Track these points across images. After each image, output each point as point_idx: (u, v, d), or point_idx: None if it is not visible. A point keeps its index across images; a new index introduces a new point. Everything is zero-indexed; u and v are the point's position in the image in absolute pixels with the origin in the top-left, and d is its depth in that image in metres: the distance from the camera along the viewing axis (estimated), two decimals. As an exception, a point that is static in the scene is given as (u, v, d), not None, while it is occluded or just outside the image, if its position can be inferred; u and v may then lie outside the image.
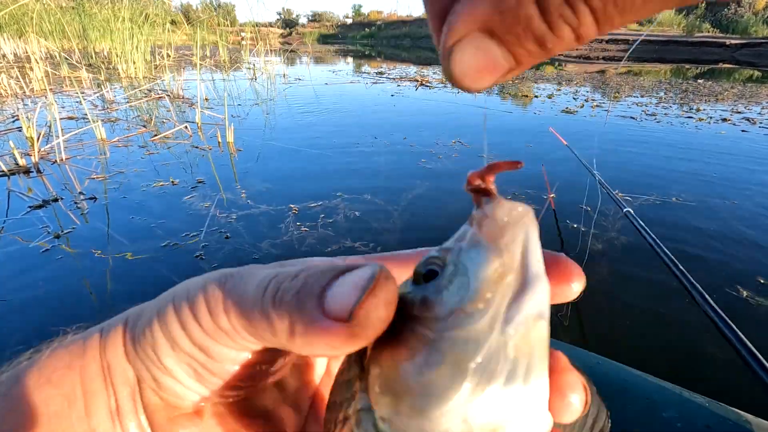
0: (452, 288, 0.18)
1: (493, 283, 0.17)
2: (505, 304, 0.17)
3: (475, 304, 0.17)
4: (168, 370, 0.22)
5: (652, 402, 0.79)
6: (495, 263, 0.17)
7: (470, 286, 0.17)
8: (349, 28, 50.59)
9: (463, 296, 0.17)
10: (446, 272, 0.18)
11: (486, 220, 0.19)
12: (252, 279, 0.21)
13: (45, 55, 8.90)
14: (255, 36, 9.92)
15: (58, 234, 2.11)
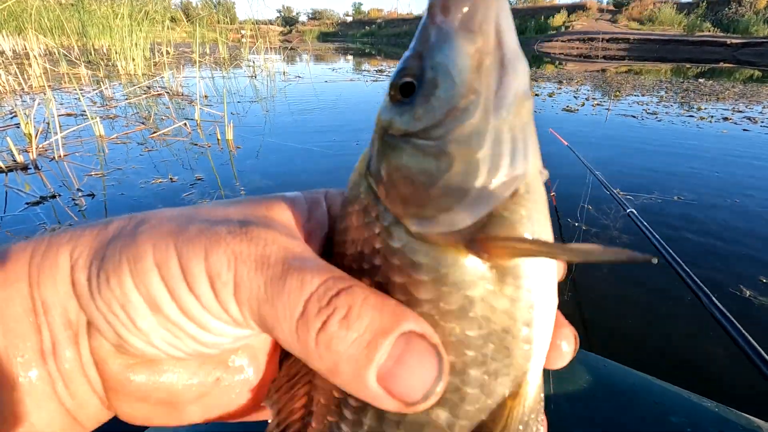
0: (439, 91, 0.18)
1: (475, 71, 0.17)
2: (492, 89, 0.17)
3: (466, 97, 0.17)
4: (140, 331, 0.20)
5: (660, 406, 0.78)
6: (471, 50, 0.17)
7: (455, 83, 0.17)
8: (349, 26, 50.53)
9: (452, 95, 0.17)
10: (425, 78, 0.18)
11: (449, 4, 0.18)
12: (267, 269, 0.19)
13: (44, 52, 8.87)
14: (255, 33, 9.89)
15: (55, 230, 2.09)
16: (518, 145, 0.18)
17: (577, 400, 0.79)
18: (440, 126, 0.18)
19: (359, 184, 0.21)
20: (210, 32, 11.98)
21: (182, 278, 0.20)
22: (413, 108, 0.18)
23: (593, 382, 0.82)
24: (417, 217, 0.19)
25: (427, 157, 0.18)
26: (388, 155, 0.19)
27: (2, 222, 2.17)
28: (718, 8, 24.19)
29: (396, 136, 0.19)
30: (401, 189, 0.19)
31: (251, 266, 0.19)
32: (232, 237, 0.20)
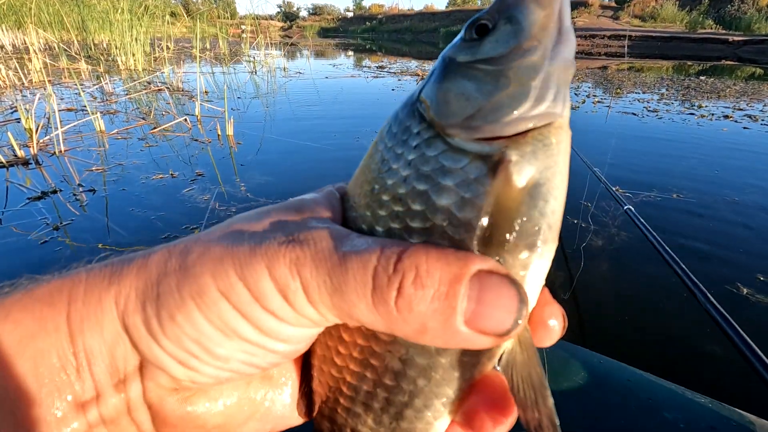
0: (510, 32, 0.22)
1: (541, 28, 0.21)
2: (551, 45, 0.21)
3: (531, 42, 0.21)
4: (219, 359, 0.21)
5: (655, 402, 0.79)
6: (541, 14, 0.22)
7: (524, 29, 0.21)
8: (349, 21, 50.27)
9: (520, 37, 0.21)
10: (500, 24, 0.22)
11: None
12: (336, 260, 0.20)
13: (44, 47, 8.85)
14: (255, 29, 9.86)
15: (57, 226, 2.10)
16: (560, 93, 0.22)
17: (573, 395, 0.80)
18: (505, 57, 0.21)
19: (400, 112, 0.25)
20: (210, 27, 11.93)
21: (254, 300, 0.20)
22: (483, 43, 0.22)
23: (589, 378, 0.83)
24: (463, 127, 0.22)
25: (487, 78, 0.22)
26: (450, 78, 0.23)
27: (4, 217, 2.18)
28: (721, 5, 24.06)
29: (461, 64, 0.23)
30: (454, 104, 0.22)
31: (312, 266, 0.20)
32: (285, 247, 0.20)
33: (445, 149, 0.22)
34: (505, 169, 0.20)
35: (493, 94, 0.21)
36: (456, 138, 0.22)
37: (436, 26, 36.61)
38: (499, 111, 0.21)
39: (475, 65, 0.22)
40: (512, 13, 0.22)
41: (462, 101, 0.22)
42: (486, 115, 0.21)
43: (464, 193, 0.21)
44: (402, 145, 0.23)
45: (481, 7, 4.15)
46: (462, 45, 0.23)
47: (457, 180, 0.21)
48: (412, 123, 0.23)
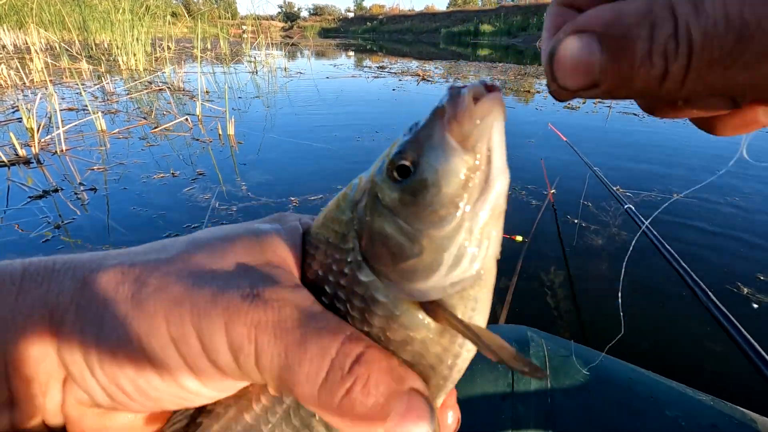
0: (427, 193, 0.20)
1: (462, 187, 0.20)
2: (472, 203, 0.20)
3: (448, 210, 0.20)
4: (149, 399, 0.21)
5: (656, 400, 0.79)
6: (465, 168, 0.20)
7: (442, 192, 0.20)
8: (350, 21, 50.32)
9: (436, 202, 0.20)
10: (419, 172, 0.21)
11: (455, 123, 0.20)
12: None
13: (45, 47, 8.86)
14: (256, 29, 9.86)
15: (58, 224, 2.11)
16: (481, 249, 0.21)
17: (574, 394, 0.80)
18: (420, 220, 0.21)
19: (344, 211, 0.24)
20: (211, 27, 11.95)
21: (203, 354, 0.20)
22: (403, 192, 0.21)
23: (590, 376, 0.83)
24: (383, 274, 0.22)
25: (403, 237, 0.21)
26: (374, 216, 0.22)
27: (5, 216, 2.19)
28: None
29: (384, 205, 0.22)
30: (378, 248, 0.22)
31: (270, 335, 0.20)
32: (248, 305, 0.20)
33: (373, 280, 0.22)
34: (439, 315, 0.22)
35: (407, 257, 0.21)
36: (380, 279, 0.22)
37: (436, 27, 36.63)
38: (414, 274, 0.21)
39: (394, 215, 0.21)
40: (433, 163, 0.20)
41: (384, 249, 0.22)
42: (402, 274, 0.21)
43: (391, 323, 0.22)
44: (341, 248, 0.23)
45: (482, 8, 4.16)
46: (386, 180, 0.22)
47: (385, 312, 0.22)
48: (350, 233, 0.23)
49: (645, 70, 0.16)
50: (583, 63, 0.17)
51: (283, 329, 0.20)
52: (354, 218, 0.23)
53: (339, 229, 0.24)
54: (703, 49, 0.15)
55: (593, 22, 0.17)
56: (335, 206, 0.25)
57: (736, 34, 0.15)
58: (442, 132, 0.20)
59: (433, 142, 0.20)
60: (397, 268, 0.21)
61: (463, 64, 11.71)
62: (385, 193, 0.22)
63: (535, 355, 0.85)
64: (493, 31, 30.26)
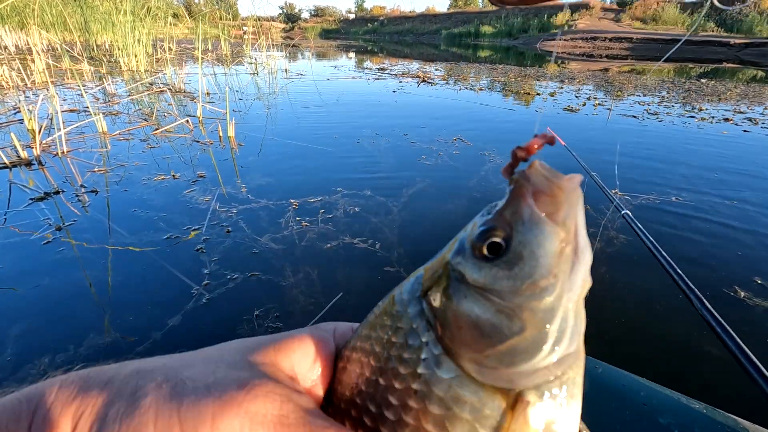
0: (525, 265, 0.20)
1: (557, 257, 0.20)
2: (567, 275, 0.20)
3: (548, 280, 0.20)
4: None
5: (650, 407, 0.79)
6: (558, 240, 0.20)
7: (540, 263, 0.20)
8: (351, 23, 50.35)
9: (536, 272, 0.20)
10: (513, 247, 0.20)
11: (543, 195, 0.21)
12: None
13: (46, 48, 8.88)
14: (257, 30, 9.88)
15: (59, 226, 2.12)
16: (578, 323, 0.20)
17: None
18: (519, 294, 0.20)
19: (405, 305, 0.22)
20: (212, 29, 11.96)
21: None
22: (495, 268, 0.20)
23: (585, 384, 0.83)
24: (477, 362, 0.20)
25: (500, 315, 0.20)
26: (460, 300, 0.21)
27: (7, 217, 2.20)
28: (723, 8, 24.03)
29: (471, 286, 0.21)
30: (466, 333, 0.20)
31: (269, 429, 0.18)
32: (243, 395, 0.18)
33: (459, 375, 0.20)
34: (524, 411, 0.19)
35: (507, 336, 0.20)
36: (468, 370, 0.20)
37: (437, 28, 36.63)
38: (514, 357, 0.20)
39: (487, 294, 0.20)
40: (527, 235, 0.20)
41: (474, 333, 0.20)
42: (501, 359, 0.20)
43: (480, 428, 0.20)
44: (409, 350, 0.21)
45: (483, 9, 4.16)
46: (472, 260, 0.21)
47: (473, 413, 0.20)
48: (419, 326, 0.22)
49: None
50: None
51: (284, 424, 0.18)
52: (423, 309, 0.22)
53: (402, 325, 0.22)
54: None
55: None
56: (386, 307, 0.23)
57: None
58: (532, 206, 0.20)
59: (524, 216, 0.20)
60: (496, 353, 0.20)
61: (464, 65, 11.72)
62: (473, 272, 0.21)
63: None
64: (493, 32, 30.28)
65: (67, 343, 1.40)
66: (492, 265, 0.20)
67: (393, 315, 0.23)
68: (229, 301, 1.64)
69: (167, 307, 1.59)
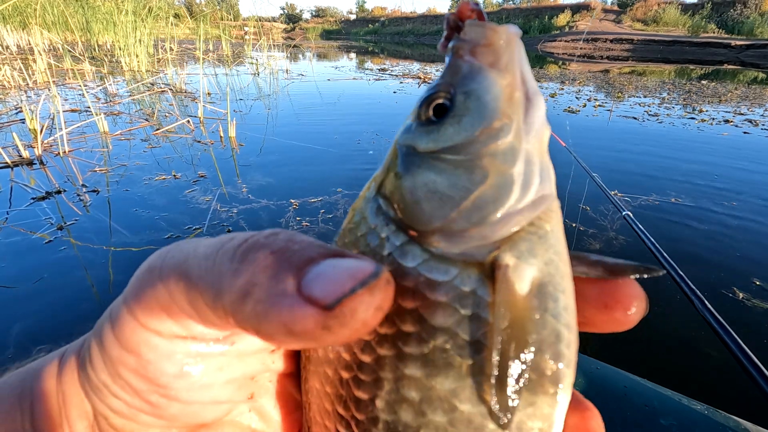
0: (473, 113, 0.19)
1: (507, 101, 0.19)
2: (521, 117, 0.19)
3: (501, 120, 0.19)
4: (107, 388, 0.20)
5: (651, 408, 0.79)
6: (504, 83, 0.19)
7: (490, 107, 0.19)
8: (352, 23, 50.42)
9: (487, 116, 0.19)
10: (457, 101, 0.19)
11: (480, 47, 0.20)
12: (204, 241, 0.18)
13: (48, 48, 8.90)
14: (258, 31, 9.90)
15: (60, 225, 2.13)
16: (544, 168, 0.19)
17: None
18: (474, 143, 0.19)
19: (363, 210, 0.21)
20: (213, 29, 11.98)
21: (125, 307, 0.20)
22: (444, 127, 0.19)
23: (585, 384, 0.83)
24: (444, 232, 0.18)
25: (458, 171, 0.19)
26: (414, 173, 0.19)
27: (8, 217, 2.20)
28: (723, 9, 24.08)
29: (423, 154, 0.20)
30: (426, 206, 0.19)
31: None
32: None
33: (426, 258, 0.18)
34: (504, 276, 0.17)
35: (470, 189, 0.18)
36: (437, 246, 0.18)
37: (438, 29, 36.66)
38: (483, 209, 0.18)
39: (441, 155, 0.19)
40: (470, 86, 0.19)
41: (435, 201, 0.19)
42: (469, 216, 0.18)
43: (463, 310, 0.18)
44: (371, 252, 0.20)
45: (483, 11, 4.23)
46: (419, 129, 0.20)
47: (450, 294, 0.18)
48: (378, 224, 0.20)
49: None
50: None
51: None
52: (380, 205, 0.20)
53: (361, 232, 0.20)
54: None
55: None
56: (346, 224, 0.22)
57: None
58: (470, 60, 0.20)
59: (464, 71, 0.20)
60: (462, 213, 0.18)
61: (465, 66, 11.71)
62: (421, 141, 0.20)
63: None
64: (494, 33, 30.24)
65: (67, 342, 1.41)
66: (441, 125, 0.19)
67: (353, 228, 0.21)
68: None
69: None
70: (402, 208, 0.19)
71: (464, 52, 0.20)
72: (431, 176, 0.19)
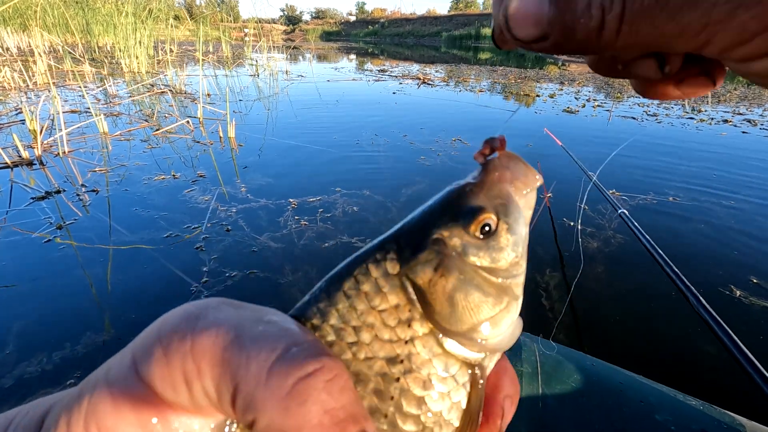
0: (511, 246, 0.23)
1: (527, 238, 0.24)
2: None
3: (524, 259, 0.23)
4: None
5: (647, 405, 0.79)
6: (527, 227, 0.24)
7: (521, 244, 0.23)
8: (352, 25, 50.49)
9: (518, 252, 0.23)
10: (501, 230, 0.23)
11: (520, 182, 0.24)
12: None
13: (48, 49, 8.92)
14: (258, 32, 9.92)
15: (60, 225, 2.13)
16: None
17: (565, 398, 0.81)
18: (507, 271, 0.22)
19: (381, 283, 0.22)
20: (213, 30, 12.02)
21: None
22: (489, 249, 0.22)
23: (581, 381, 0.84)
24: (462, 336, 0.21)
25: (491, 290, 0.22)
26: (458, 278, 0.21)
27: (8, 216, 2.21)
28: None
29: (466, 263, 0.22)
30: (459, 310, 0.21)
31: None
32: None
33: (440, 353, 0.21)
34: (483, 375, 0.22)
35: (495, 308, 0.21)
36: (452, 342, 0.21)
37: (437, 30, 36.72)
38: (499, 325, 0.22)
39: (482, 272, 0.22)
40: (512, 220, 0.23)
41: (468, 309, 0.21)
42: (487, 328, 0.21)
43: (454, 398, 0.22)
44: (387, 330, 0.21)
45: (483, 12, 4.17)
46: (467, 239, 0.22)
47: (449, 387, 0.21)
48: (401, 304, 0.21)
49: (585, 21, 0.17)
50: (534, 14, 0.18)
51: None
52: (406, 280, 0.21)
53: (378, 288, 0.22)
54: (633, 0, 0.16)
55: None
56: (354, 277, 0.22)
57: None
58: (513, 193, 0.23)
59: (509, 202, 0.23)
60: (486, 322, 0.21)
61: (464, 67, 11.76)
62: (474, 251, 0.22)
63: (527, 359, 0.86)
64: (494, 34, 30.29)
65: (65, 341, 1.41)
66: (487, 247, 0.22)
67: (360, 295, 0.22)
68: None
69: (166, 305, 1.59)
70: (434, 302, 0.21)
71: (507, 181, 0.23)
72: (470, 287, 0.21)
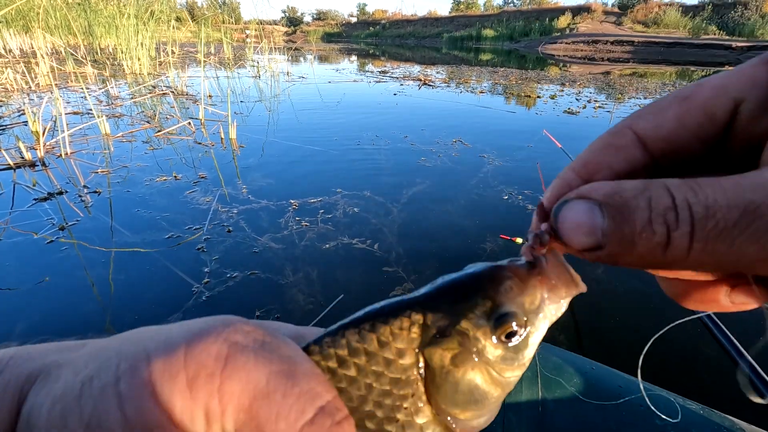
0: (527, 350, 0.23)
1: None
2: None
3: (529, 361, 0.24)
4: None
5: (646, 408, 0.80)
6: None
7: (535, 347, 0.23)
8: (353, 26, 50.56)
9: (529, 356, 0.24)
10: (526, 338, 0.23)
11: (559, 287, 0.23)
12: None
13: (50, 51, 8.96)
14: (259, 34, 9.94)
15: (62, 226, 2.14)
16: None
17: (565, 402, 0.81)
18: (513, 370, 0.23)
19: (404, 352, 0.22)
20: (215, 32, 12.06)
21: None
22: (509, 351, 0.23)
23: (581, 384, 0.84)
24: (456, 418, 0.23)
25: (495, 383, 0.23)
26: (469, 369, 0.22)
27: (11, 218, 2.22)
28: (724, 11, 24.09)
29: (483, 359, 0.22)
30: (461, 396, 0.22)
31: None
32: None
33: (429, 420, 0.23)
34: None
35: (492, 399, 0.23)
36: (443, 416, 0.23)
37: (439, 31, 36.75)
38: (487, 412, 0.23)
39: (493, 369, 0.23)
40: (535, 329, 0.23)
41: (468, 397, 0.22)
42: (481, 415, 0.23)
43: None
44: (393, 398, 0.22)
45: (484, 13, 4.18)
46: (493, 339, 0.22)
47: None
48: (411, 376, 0.23)
49: (647, 236, 0.16)
50: (586, 224, 0.18)
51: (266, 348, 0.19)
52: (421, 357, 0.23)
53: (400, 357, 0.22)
54: (706, 218, 0.15)
55: (594, 191, 0.18)
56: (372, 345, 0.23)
57: (740, 209, 0.15)
58: (547, 304, 0.23)
59: (539, 312, 0.23)
60: (483, 410, 0.23)
61: (465, 68, 11.76)
62: (493, 351, 0.23)
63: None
64: (495, 35, 30.35)
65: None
66: (506, 347, 0.23)
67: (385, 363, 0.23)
68: (229, 299, 1.65)
69: (168, 305, 1.61)
70: (440, 386, 0.22)
71: (548, 288, 0.23)
72: (479, 380, 0.23)
